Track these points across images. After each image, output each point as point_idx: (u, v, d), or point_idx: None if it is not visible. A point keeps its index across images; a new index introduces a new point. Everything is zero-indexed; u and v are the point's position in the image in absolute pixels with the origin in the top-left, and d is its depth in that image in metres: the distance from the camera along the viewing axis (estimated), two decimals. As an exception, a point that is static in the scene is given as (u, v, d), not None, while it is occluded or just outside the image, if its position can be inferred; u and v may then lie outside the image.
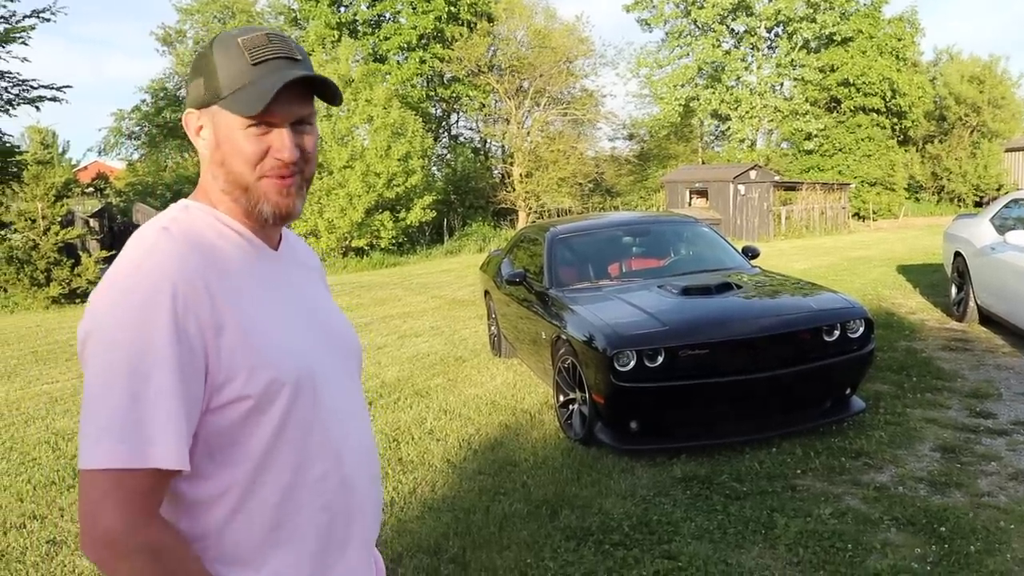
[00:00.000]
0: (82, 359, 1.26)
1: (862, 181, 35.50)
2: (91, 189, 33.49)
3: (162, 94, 35.37)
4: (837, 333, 5.53)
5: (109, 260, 17.97)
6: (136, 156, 36.32)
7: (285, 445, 1.33)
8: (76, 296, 17.20)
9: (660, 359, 5.20)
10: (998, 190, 35.16)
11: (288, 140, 1.36)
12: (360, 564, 1.49)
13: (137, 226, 22.83)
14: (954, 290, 9.66)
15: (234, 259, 1.36)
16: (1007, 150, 38.68)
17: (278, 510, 1.33)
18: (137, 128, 35.65)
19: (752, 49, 38.66)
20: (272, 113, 1.33)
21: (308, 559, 1.37)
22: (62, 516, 4.93)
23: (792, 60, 37.26)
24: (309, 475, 1.36)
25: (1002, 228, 8.43)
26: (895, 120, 37.30)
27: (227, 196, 1.40)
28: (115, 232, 20.29)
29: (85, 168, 36.89)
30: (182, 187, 30.70)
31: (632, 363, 5.17)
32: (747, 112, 37.32)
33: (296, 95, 1.36)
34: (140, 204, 24.90)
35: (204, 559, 1.29)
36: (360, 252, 25.95)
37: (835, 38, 36.64)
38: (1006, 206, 8.99)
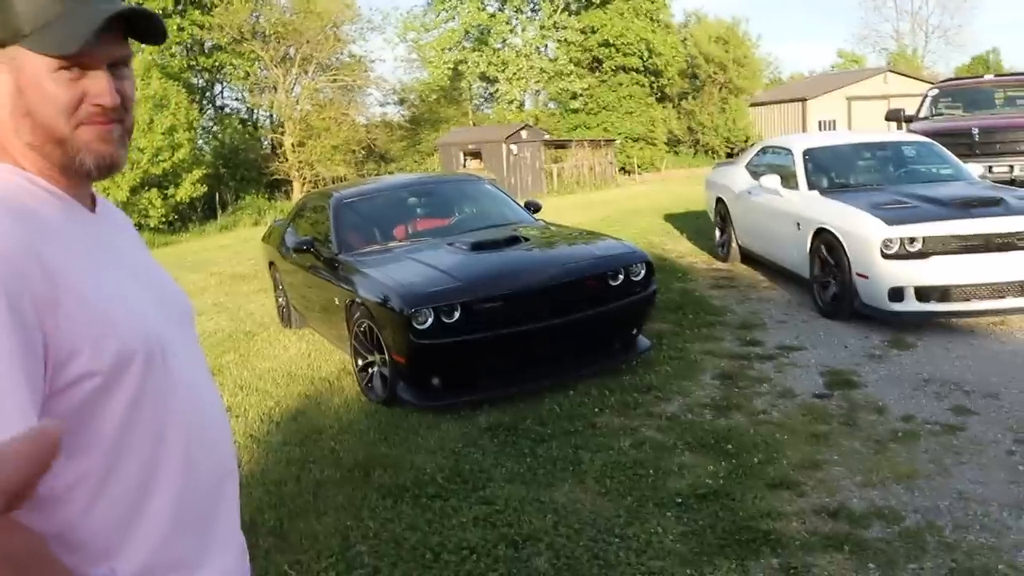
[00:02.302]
0: None
1: (626, 137, 37.20)
2: None
3: None
4: (621, 277, 5.83)
5: None
6: None
7: (142, 420, 1.20)
8: None
9: (457, 314, 5.29)
10: (745, 142, 37.84)
11: (107, 84, 1.21)
12: (233, 533, 1.42)
13: None
14: (718, 233, 10.39)
15: (57, 223, 1.20)
16: (751, 104, 41.77)
17: (140, 492, 1.20)
18: None
19: (516, 12, 39.40)
20: (87, 53, 1.17)
21: (180, 537, 1.25)
22: None
23: (555, 22, 38.30)
24: (172, 449, 1.24)
25: (756, 174, 9.12)
26: (653, 79, 39.29)
27: (34, 152, 1.22)
28: None
29: None
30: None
31: (430, 320, 5.23)
32: (514, 74, 38.08)
33: (113, 33, 1.21)
34: None
35: (64, 557, 1.11)
36: (126, 233, 24.45)
37: (594, 1, 38.01)
38: (758, 154, 9.74)
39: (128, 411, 1.18)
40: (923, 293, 6.31)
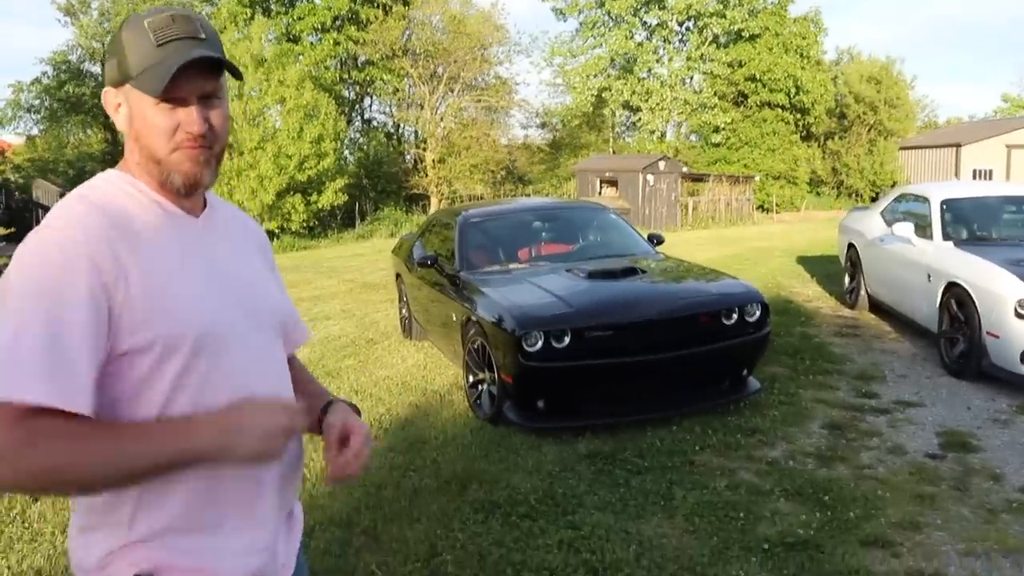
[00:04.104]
0: None
1: (766, 174, 36.49)
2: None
3: (64, 67, 33.98)
4: (735, 316, 5.80)
5: (8, 238, 17.40)
6: (36, 131, 34.94)
7: (178, 403, 1.40)
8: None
9: (567, 340, 5.38)
10: (892, 186, 36.52)
11: (196, 115, 1.45)
12: (272, 513, 1.58)
13: (37, 203, 22.02)
14: (847, 279, 10.13)
15: (141, 220, 1.45)
16: (901, 148, 40.27)
17: None
18: (37, 102, 34.23)
19: (664, 42, 39.29)
20: (178, 89, 1.42)
21: (201, 510, 1.45)
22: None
23: (702, 54, 38.02)
24: None
25: (890, 221, 8.88)
26: (798, 116, 38.42)
27: (141, 168, 1.50)
28: (13, 209, 19.60)
29: (-25, 142, 35.37)
30: (85, 164, 29.74)
31: (540, 343, 5.34)
32: (657, 104, 37.94)
33: (201, 71, 1.45)
34: (40, 180, 24.07)
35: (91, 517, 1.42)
36: (271, 235, 25.57)
37: (743, 34, 37.51)
38: (895, 200, 9.46)
39: (170, 391, 1.40)
40: (1058, 359, 6.02)
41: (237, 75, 1.51)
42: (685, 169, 30.18)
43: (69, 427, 1.27)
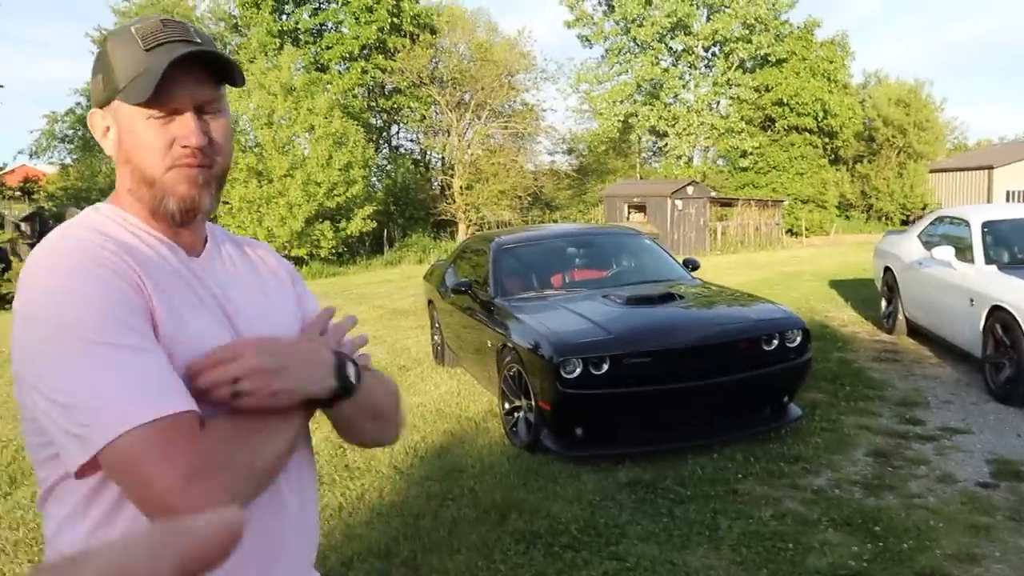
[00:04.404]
0: (25, 360, 1.16)
1: (795, 198, 36.32)
2: (18, 193, 32.64)
3: (96, 98, 34.54)
4: (776, 343, 5.70)
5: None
6: (69, 160, 35.45)
7: None
8: (6, 302, 16.76)
9: (605, 367, 5.30)
10: (923, 209, 36.24)
11: (193, 124, 1.26)
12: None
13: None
14: (884, 303, 9.98)
15: (147, 255, 1.27)
16: (931, 171, 39.97)
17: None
18: (71, 131, 34.79)
19: (690, 67, 39.33)
20: (171, 98, 1.25)
21: None
22: None
23: (728, 79, 38.00)
24: None
25: (928, 244, 8.75)
26: (827, 140, 38.27)
27: (132, 196, 1.31)
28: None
29: (12, 171, 35.89)
30: (116, 194, 30.02)
31: (578, 371, 5.27)
32: (684, 129, 37.93)
33: (197, 78, 1.27)
34: (73, 208, 24.36)
35: None
36: (300, 262, 25.73)
37: (770, 59, 37.50)
38: (932, 223, 9.33)
39: None
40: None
41: (238, 78, 1.32)
42: (713, 194, 30.08)
43: (220, 424, 1.16)
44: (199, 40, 1.28)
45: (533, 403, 5.60)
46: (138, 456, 1.08)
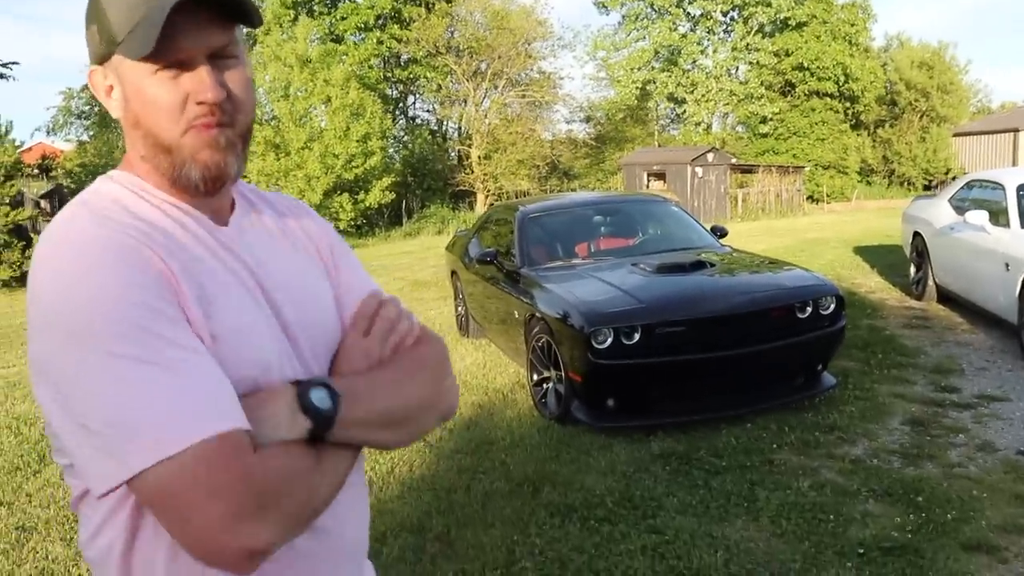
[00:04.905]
0: (50, 367, 1.01)
1: (816, 164, 35.90)
2: (36, 171, 32.72)
3: (112, 72, 34.57)
4: (809, 310, 5.60)
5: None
6: (86, 136, 35.51)
7: None
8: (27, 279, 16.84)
9: (637, 336, 5.22)
10: (946, 174, 35.74)
11: (208, 76, 1.09)
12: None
13: (89, 208, 22.62)
14: (913, 269, 9.83)
15: (175, 234, 1.12)
16: (955, 135, 39.33)
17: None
18: (87, 108, 34.80)
19: (708, 33, 38.80)
20: (178, 48, 1.07)
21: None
22: (30, 502, 4.82)
23: (747, 44, 37.48)
24: None
25: (960, 209, 8.58)
26: (848, 104, 37.75)
27: (147, 163, 1.15)
28: (66, 214, 19.95)
29: (29, 149, 36.01)
30: (133, 168, 30.11)
31: (609, 340, 5.19)
32: (703, 96, 37.48)
33: (207, 20, 1.09)
34: (92, 186, 24.47)
35: None
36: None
37: (789, 23, 36.90)
38: (964, 187, 9.15)
39: None
40: None
41: (254, 19, 1.13)
42: (734, 161, 29.75)
43: (275, 451, 1.03)
44: None
45: (563, 374, 5.53)
46: (176, 490, 0.94)
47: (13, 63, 19.85)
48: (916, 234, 9.70)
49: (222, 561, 0.96)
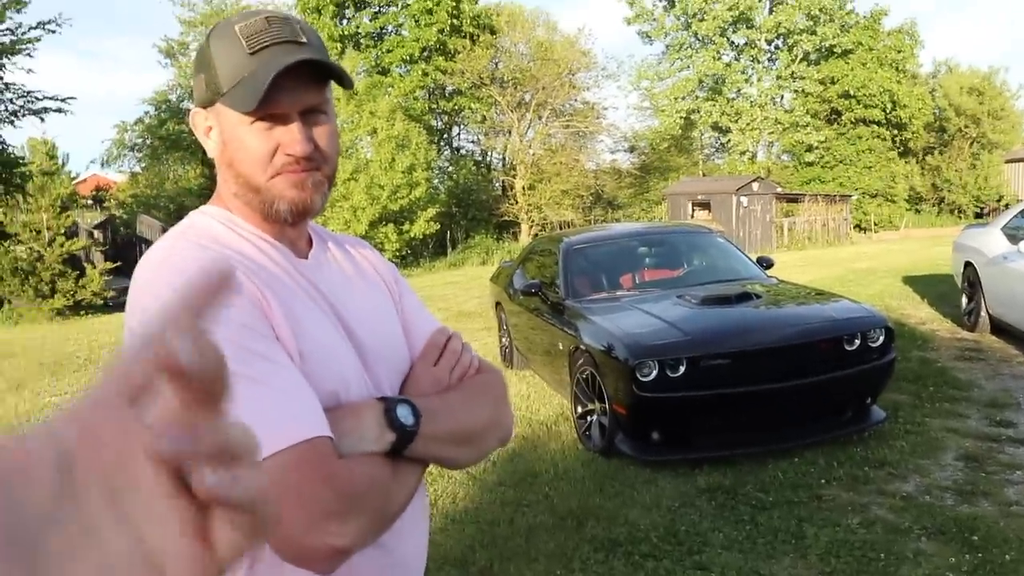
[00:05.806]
0: None
1: (863, 193, 35.56)
2: (90, 201, 33.48)
3: (164, 106, 35.26)
4: (858, 342, 5.51)
5: (114, 272, 18.03)
6: (138, 168, 36.29)
7: None
8: (80, 308, 17.21)
9: (682, 369, 5.17)
10: (998, 201, 35.20)
11: (299, 133, 1.20)
12: None
13: (140, 237, 22.89)
14: (965, 300, 9.64)
15: (263, 263, 1.23)
16: (1007, 161, 38.70)
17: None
18: (140, 140, 35.61)
19: (752, 61, 38.77)
20: (276, 104, 1.18)
21: None
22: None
23: (792, 72, 37.35)
24: None
25: (1014, 237, 8.42)
26: (895, 131, 37.40)
27: (239, 200, 1.26)
28: (119, 244, 20.34)
29: (84, 180, 36.88)
30: (184, 199, 30.67)
31: (654, 373, 5.15)
32: (748, 124, 37.38)
33: (304, 81, 1.20)
34: (144, 216, 24.94)
35: None
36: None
37: (835, 50, 36.75)
38: (1018, 215, 8.98)
39: None
40: None
41: (347, 82, 1.27)
42: (779, 190, 29.56)
43: (358, 460, 1.10)
44: (305, 39, 1.22)
45: (607, 406, 5.50)
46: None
47: (71, 98, 20.45)
48: (968, 263, 9.52)
49: (308, 560, 1.04)
